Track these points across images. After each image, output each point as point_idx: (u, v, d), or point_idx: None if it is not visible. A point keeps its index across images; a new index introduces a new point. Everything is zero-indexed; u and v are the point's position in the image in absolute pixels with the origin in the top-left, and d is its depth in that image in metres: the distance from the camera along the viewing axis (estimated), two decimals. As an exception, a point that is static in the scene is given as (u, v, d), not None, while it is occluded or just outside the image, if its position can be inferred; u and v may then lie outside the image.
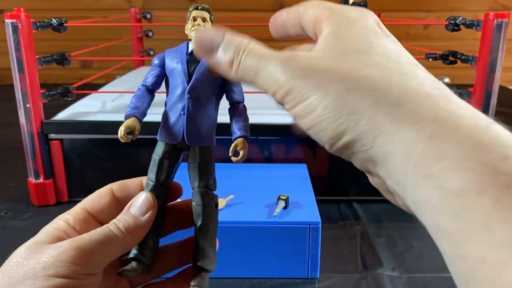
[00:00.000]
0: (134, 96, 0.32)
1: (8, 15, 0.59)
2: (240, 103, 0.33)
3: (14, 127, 0.72)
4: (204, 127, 0.32)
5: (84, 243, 0.27)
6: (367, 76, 0.22)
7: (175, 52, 0.32)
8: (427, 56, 0.71)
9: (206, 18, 0.32)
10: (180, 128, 0.31)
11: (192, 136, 0.32)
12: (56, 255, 0.26)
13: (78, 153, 0.66)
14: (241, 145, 0.32)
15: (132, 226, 0.29)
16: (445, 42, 1.58)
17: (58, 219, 0.31)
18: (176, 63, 0.32)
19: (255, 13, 1.58)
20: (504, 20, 0.60)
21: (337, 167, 0.68)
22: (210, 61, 0.27)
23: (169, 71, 0.32)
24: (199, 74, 0.31)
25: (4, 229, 0.59)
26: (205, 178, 0.33)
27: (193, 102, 0.31)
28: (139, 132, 0.30)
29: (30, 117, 0.62)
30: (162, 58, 0.32)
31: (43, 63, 0.63)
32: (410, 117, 0.20)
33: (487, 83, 0.63)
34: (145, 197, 0.31)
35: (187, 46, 0.32)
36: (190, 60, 0.32)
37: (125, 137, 0.30)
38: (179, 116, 0.31)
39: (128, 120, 0.31)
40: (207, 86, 0.32)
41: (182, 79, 0.31)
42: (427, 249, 0.56)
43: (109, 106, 0.73)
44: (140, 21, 1.17)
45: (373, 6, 1.15)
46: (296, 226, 0.49)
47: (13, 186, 0.73)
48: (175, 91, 0.32)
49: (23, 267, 0.26)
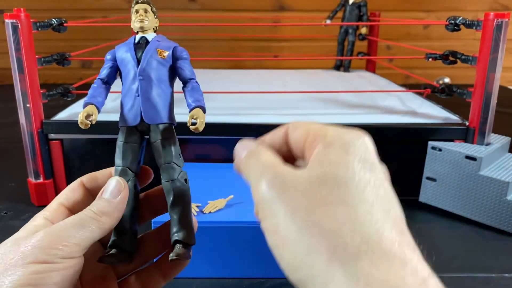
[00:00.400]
0: (91, 88, 0.34)
1: (8, 15, 0.59)
2: (192, 79, 0.35)
3: (14, 127, 0.72)
4: (160, 104, 0.33)
5: (59, 229, 0.28)
6: (334, 216, 0.22)
7: (124, 45, 0.35)
8: (427, 56, 0.71)
9: (147, 9, 0.36)
10: (137, 109, 0.33)
11: (149, 114, 0.33)
12: (33, 243, 0.27)
13: (78, 153, 0.66)
14: (197, 114, 0.33)
15: (107, 208, 0.30)
16: (445, 42, 1.58)
17: (36, 217, 0.31)
18: (125, 52, 0.34)
19: (255, 13, 1.58)
20: (504, 20, 0.60)
21: (337, 167, 0.68)
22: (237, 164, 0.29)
23: (120, 62, 0.34)
24: (148, 56, 0.33)
25: (4, 229, 0.59)
26: (169, 154, 0.33)
27: (145, 83, 0.33)
28: (96, 117, 0.33)
29: (30, 117, 0.62)
30: (113, 53, 0.35)
31: (43, 63, 0.63)
32: (362, 276, 0.21)
33: (487, 83, 0.63)
34: (115, 181, 0.32)
35: (135, 38, 0.35)
36: (137, 48, 0.34)
37: (84, 121, 0.32)
38: (134, 99, 0.33)
39: (87, 107, 0.33)
40: (157, 66, 0.33)
41: (132, 65, 0.33)
42: (427, 249, 0.56)
43: (109, 106, 0.73)
44: (140, 21, 1.17)
45: (373, 6, 1.15)
46: (296, 226, 0.49)
47: (13, 186, 0.73)
48: (128, 77, 0.34)
49: (2, 260, 0.27)
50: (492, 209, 0.60)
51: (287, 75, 1.06)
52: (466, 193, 0.62)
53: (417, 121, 0.68)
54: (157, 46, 0.34)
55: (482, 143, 0.65)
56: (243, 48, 1.59)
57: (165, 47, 0.34)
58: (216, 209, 0.51)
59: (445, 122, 0.68)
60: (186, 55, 0.35)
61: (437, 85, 0.72)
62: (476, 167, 0.60)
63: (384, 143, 0.66)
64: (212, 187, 0.56)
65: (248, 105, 0.74)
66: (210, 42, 1.59)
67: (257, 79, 1.01)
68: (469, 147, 0.63)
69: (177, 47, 0.35)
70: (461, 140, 0.66)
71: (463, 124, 0.66)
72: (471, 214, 0.62)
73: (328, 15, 1.09)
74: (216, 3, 1.58)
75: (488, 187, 0.59)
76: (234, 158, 0.29)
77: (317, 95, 0.81)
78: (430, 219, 0.64)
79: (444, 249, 0.56)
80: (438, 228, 0.61)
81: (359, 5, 1.07)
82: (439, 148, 0.63)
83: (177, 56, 0.34)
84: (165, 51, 0.34)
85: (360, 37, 1.11)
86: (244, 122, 0.65)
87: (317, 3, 1.56)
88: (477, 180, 0.60)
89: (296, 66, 1.49)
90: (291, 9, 1.60)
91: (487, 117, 0.64)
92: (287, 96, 0.80)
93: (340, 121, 0.66)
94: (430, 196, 0.66)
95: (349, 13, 1.07)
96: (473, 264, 0.53)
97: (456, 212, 0.64)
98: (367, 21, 1.08)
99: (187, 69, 0.34)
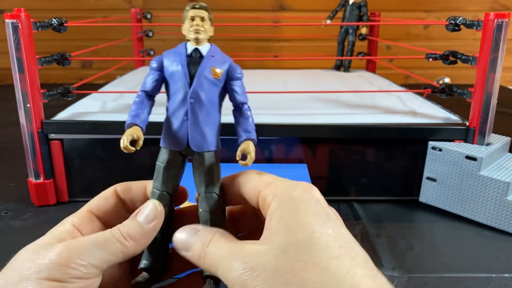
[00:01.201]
0: (134, 103, 0.31)
1: (8, 15, 0.59)
2: (244, 104, 0.33)
3: (14, 127, 0.72)
4: (208, 131, 0.31)
5: (80, 245, 0.27)
6: (307, 281, 0.24)
7: (174, 54, 0.31)
8: (427, 56, 0.71)
9: (204, 17, 0.31)
10: (184, 134, 0.31)
11: (196, 141, 0.31)
12: (50, 257, 0.26)
13: (78, 153, 0.66)
14: (249, 149, 0.31)
15: (136, 233, 0.29)
16: (445, 42, 1.58)
17: (65, 222, 0.30)
18: (176, 65, 0.31)
19: (255, 13, 1.58)
20: (504, 20, 0.60)
21: (337, 167, 0.68)
22: (186, 256, 0.29)
23: (168, 75, 0.31)
24: (201, 76, 0.30)
25: (4, 229, 0.59)
26: (211, 183, 0.32)
27: (195, 106, 0.30)
28: (142, 141, 0.29)
29: (30, 117, 0.62)
30: (160, 61, 0.31)
31: (43, 63, 0.63)
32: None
33: (487, 83, 0.63)
34: (153, 205, 0.30)
35: (186, 47, 0.31)
36: (190, 62, 0.31)
37: (128, 147, 0.29)
38: (182, 122, 0.30)
39: (130, 129, 0.29)
40: (210, 88, 0.31)
41: (183, 83, 0.30)
42: (427, 249, 0.56)
43: (109, 106, 0.73)
44: (141, 21, 1.17)
45: (373, 6, 1.15)
46: (296, 226, 0.49)
47: (13, 186, 0.73)
48: (177, 96, 0.30)
49: (20, 269, 0.26)
50: (492, 209, 0.60)
51: (287, 75, 1.06)
52: (466, 193, 0.62)
53: (417, 121, 0.68)
54: (212, 63, 0.31)
55: (482, 143, 0.65)
56: (243, 48, 1.59)
57: (220, 64, 0.31)
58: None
59: (445, 122, 0.68)
60: (240, 73, 0.32)
61: (437, 85, 0.72)
62: (476, 167, 0.60)
63: (384, 143, 0.67)
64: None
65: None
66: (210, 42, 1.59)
67: (257, 79, 1.01)
68: (469, 147, 0.63)
69: (231, 64, 0.32)
70: (461, 140, 0.66)
71: (463, 124, 0.66)
72: (471, 214, 0.62)
73: (328, 15, 1.09)
74: (216, 3, 1.58)
75: (488, 187, 0.59)
76: (183, 249, 0.29)
77: (317, 95, 0.81)
78: (430, 219, 0.64)
79: (444, 249, 0.56)
80: (438, 228, 0.61)
81: (359, 5, 1.07)
82: (439, 148, 0.63)
83: (231, 75, 0.32)
84: (219, 70, 0.31)
85: (360, 37, 1.11)
86: (244, 122, 0.65)
87: (317, 3, 1.56)
88: (477, 180, 0.60)
89: (296, 66, 1.49)
90: (291, 9, 1.60)
91: (487, 117, 0.64)
92: (287, 96, 0.80)
93: (340, 121, 0.66)
94: (430, 196, 0.66)
95: (349, 13, 1.07)
96: (473, 264, 0.53)
97: (456, 212, 0.64)
98: (367, 21, 1.08)
99: (240, 91, 0.32)
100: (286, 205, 0.26)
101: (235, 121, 0.33)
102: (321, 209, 0.27)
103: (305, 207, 0.26)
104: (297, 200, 0.26)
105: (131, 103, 0.31)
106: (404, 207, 0.67)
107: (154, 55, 1.20)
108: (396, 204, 0.68)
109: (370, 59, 1.16)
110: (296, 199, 0.26)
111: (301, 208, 0.26)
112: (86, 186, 0.67)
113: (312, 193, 0.27)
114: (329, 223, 0.26)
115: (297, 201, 0.26)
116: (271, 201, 0.27)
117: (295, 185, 0.28)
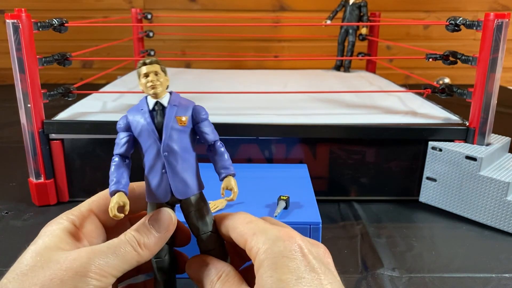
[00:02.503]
0: (112, 167, 0.32)
1: (9, 15, 0.59)
2: (216, 142, 0.33)
3: (15, 127, 0.72)
4: (188, 177, 0.32)
5: (96, 253, 0.27)
6: None
7: (137, 112, 0.31)
8: (427, 57, 0.71)
9: (157, 71, 0.31)
10: (166, 186, 0.31)
11: (179, 190, 0.31)
12: (75, 269, 0.26)
13: (79, 153, 0.66)
14: (231, 184, 0.32)
15: (151, 242, 0.30)
16: (445, 42, 1.58)
17: (62, 220, 0.30)
18: (142, 123, 0.31)
19: (255, 14, 1.58)
20: (504, 21, 0.60)
21: (337, 167, 0.68)
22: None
23: (137, 133, 0.31)
24: (168, 128, 0.31)
25: (4, 229, 0.59)
26: (204, 224, 0.33)
27: (170, 158, 0.31)
28: (128, 206, 0.30)
29: (31, 117, 0.62)
30: (125, 121, 0.32)
31: (44, 63, 0.63)
32: None
33: (487, 83, 0.63)
34: (168, 215, 0.31)
35: (147, 102, 0.32)
36: (155, 116, 0.31)
37: (117, 215, 0.29)
38: (162, 175, 0.31)
39: (116, 197, 0.30)
40: (180, 137, 0.31)
41: (153, 139, 0.31)
42: (427, 249, 0.56)
43: (110, 106, 0.73)
44: (141, 22, 1.18)
45: (373, 6, 1.15)
46: (296, 227, 0.49)
47: (14, 186, 0.73)
48: (150, 152, 0.31)
49: (33, 279, 0.26)
50: (492, 209, 0.60)
51: (287, 75, 1.06)
52: (466, 193, 0.62)
53: (417, 121, 0.68)
54: (176, 113, 0.31)
55: (482, 143, 0.65)
56: (244, 49, 1.59)
57: (183, 111, 0.31)
58: (217, 209, 0.51)
59: (445, 122, 0.68)
60: (205, 114, 0.32)
61: (437, 85, 0.72)
62: (476, 167, 0.60)
63: (384, 143, 0.67)
64: (213, 187, 0.56)
65: (248, 105, 0.74)
66: (211, 43, 1.59)
67: (257, 79, 1.01)
68: (469, 147, 0.63)
69: (195, 108, 0.32)
70: (461, 140, 0.66)
71: (463, 124, 0.66)
72: (471, 214, 0.62)
73: (329, 16, 1.09)
74: (217, 4, 1.58)
75: (488, 187, 0.59)
76: (194, 279, 0.31)
77: (317, 95, 0.81)
78: (430, 219, 0.64)
79: (444, 249, 0.56)
80: (438, 228, 0.61)
81: (359, 6, 1.07)
82: (439, 148, 0.63)
83: (197, 119, 0.32)
84: (184, 117, 0.31)
85: (360, 37, 1.12)
86: (244, 122, 0.65)
87: (317, 3, 1.56)
88: (477, 180, 0.60)
89: (297, 66, 1.49)
90: (291, 9, 1.61)
91: (487, 117, 0.64)
92: (287, 96, 0.80)
93: (340, 121, 0.66)
94: (430, 196, 0.66)
95: (349, 14, 1.08)
96: (473, 264, 0.53)
97: (456, 212, 0.64)
98: (367, 21, 1.08)
99: (209, 131, 0.32)
100: (266, 261, 0.27)
101: (212, 160, 0.33)
102: (308, 257, 0.27)
103: (284, 262, 0.27)
104: (277, 255, 0.27)
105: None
106: (404, 207, 0.67)
107: (155, 55, 1.20)
108: (396, 204, 0.68)
109: (370, 59, 1.16)
110: (276, 254, 0.27)
111: (279, 265, 0.27)
112: (86, 186, 0.67)
113: (297, 242, 0.28)
114: (305, 280, 0.26)
115: (277, 257, 0.27)
116: (255, 256, 0.28)
117: (277, 237, 0.28)
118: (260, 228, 0.29)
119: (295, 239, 0.28)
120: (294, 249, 0.27)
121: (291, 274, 0.26)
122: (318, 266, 0.27)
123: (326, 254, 0.30)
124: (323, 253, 0.30)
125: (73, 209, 0.32)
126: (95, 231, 0.32)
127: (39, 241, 0.29)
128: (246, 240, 0.29)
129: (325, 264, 0.28)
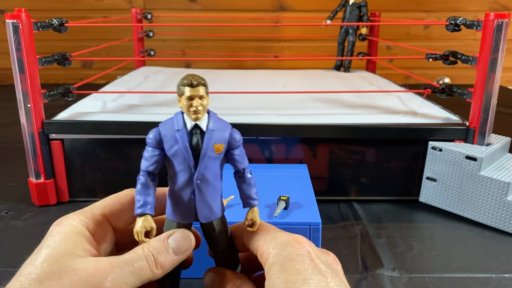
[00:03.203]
0: (139, 188, 0.30)
1: (9, 15, 0.59)
2: (246, 169, 0.33)
3: (15, 127, 0.72)
4: (214, 203, 0.32)
5: (113, 267, 0.27)
6: None
7: (172, 130, 0.29)
8: (427, 57, 0.71)
9: (203, 96, 0.29)
10: (192, 210, 0.31)
11: (204, 214, 0.32)
12: (93, 284, 0.26)
13: (79, 153, 0.66)
14: (255, 217, 0.32)
15: (167, 263, 0.30)
16: (445, 42, 1.58)
17: (75, 221, 0.30)
18: (178, 147, 0.29)
19: (255, 13, 1.58)
20: (504, 20, 0.60)
21: (337, 167, 0.68)
22: None
23: (170, 154, 0.30)
24: (205, 157, 0.30)
25: (5, 229, 0.59)
26: (221, 244, 0.34)
27: (202, 186, 0.31)
28: (155, 231, 0.30)
29: (31, 117, 0.62)
30: (158, 138, 0.30)
31: (44, 63, 0.63)
32: None
33: (487, 83, 0.63)
34: (188, 238, 0.31)
35: (184, 121, 0.30)
36: (191, 140, 0.30)
37: (144, 240, 0.29)
38: (190, 199, 0.31)
39: (142, 222, 0.29)
40: (213, 165, 0.31)
41: (187, 164, 0.30)
42: (427, 249, 0.56)
43: (110, 106, 0.73)
44: (141, 22, 1.18)
45: (373, 6, 1.15)
46: (296, 227, 0.49)
47: (14, 186, 0.73)
48: (181, 176, 0.30)
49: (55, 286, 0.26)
50: (492, 209, 0.60)
51: (287, 75, 1.06)
52: (466, 193, 0.62)
53: (417, 121, 0.68)
54: (214, 140, 0.30)
55: (483, 143, 0.65)
56: (244, 49, 1.59)
57: (220, 138, 0.30)
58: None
59: (445, 122, 0.68)
60: (240, 141, 0.31)
61: (437, 85, 0.72)
62: (476, 167, 0.60)
63: (384, 143, 0.67)
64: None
65: (248, 105, 0.74)
66: (211, 42, 1.59)
67: (257, 79, 1.01)
68: (469, 147, 0.63)
69: (231, 133, 0.31)
70: (461, 140, 0.66)
71: (463, 124, 0.66)
72: (471, 214, 0.62)
73: (329, 16, 1.09)
74: (217, 4, 1.58)
75: (488, 187, 0.59)
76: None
77: (317, 95, 0.81)
78: (430, 219, 0.64)
79: (444, 249, 0.56)
80: (438, 228, 0.61)
81: (359, 6, 1.07)
82: (440, 148, 0.63)
83: (232, 145, 0.31)
84: (221, 145, 0.30)
85: (360, 37, 1.11)
86: (244, 122, 0.65)
87: (317, 3, 1.56)
88: (477, 180, 0.60)
89: (297, 66, 1.49)
90: (291, 9, 1.61)
91: (487, 117, 0.64)
92: (287, 96, 0.80)
93: (340, 121, 0.66)
94: (430, 196, 0.66)
95: (349, 14, 1.08)
96: (473, 264, 0.53)
97: (456, 212, 0.64)
98: (368, 21, 1.08)
99: (241, 159, 0.32)
100: (275, 265, 0.28)
101: (238, 186, 0.33)
102: (316, 260, 0.28)
103: (291, 265, 0.27)
104: (285, 258, 0.28)
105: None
106: (404, 207, 0.67)
107: (155, 55, 1.20)
108: (396, 204, 0.68)
109: (370, 59, 1.16)
110: (284, 257, 0.28)
111: (287, 267, 0.27)
112: (86, 186, 0.67)
113: (305, 247, 0.29)
114: (312, 281, 0.26)
115: (285, 260, 0.28)
116: (265, 261, 0.29)
117: (286, 243, 0.29)
118: (271, 234, 0.30)
119: (303, 244, 0.29)
120: (302, 253, 0.28)
121: (298, 275, 0.26)
122: (326, 269, 0.27)
123: (335, 261, 0.31)
124: (332, 260, 0.30)
125: (85, 210, 0.31)
126: (107, 236, 0.32)
127: (52, 243, 0.28)
128: (258, 247, 0.30)
129: (333, 269, 0.28)
